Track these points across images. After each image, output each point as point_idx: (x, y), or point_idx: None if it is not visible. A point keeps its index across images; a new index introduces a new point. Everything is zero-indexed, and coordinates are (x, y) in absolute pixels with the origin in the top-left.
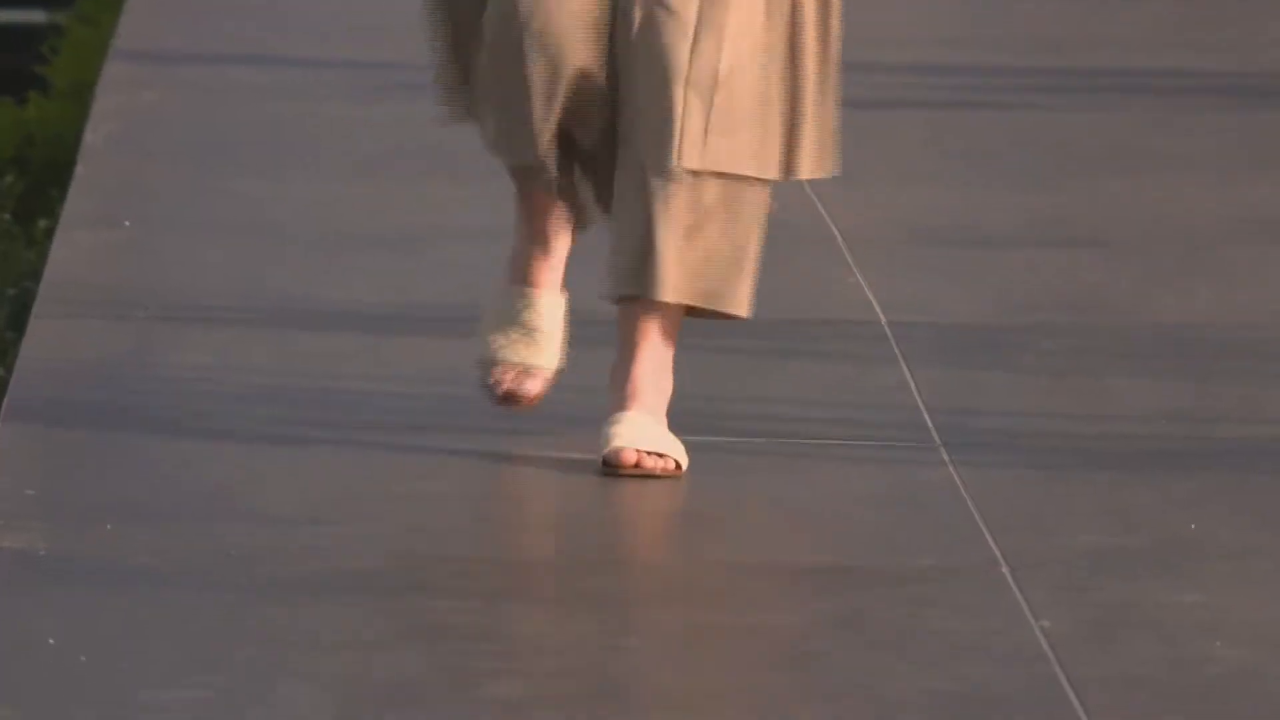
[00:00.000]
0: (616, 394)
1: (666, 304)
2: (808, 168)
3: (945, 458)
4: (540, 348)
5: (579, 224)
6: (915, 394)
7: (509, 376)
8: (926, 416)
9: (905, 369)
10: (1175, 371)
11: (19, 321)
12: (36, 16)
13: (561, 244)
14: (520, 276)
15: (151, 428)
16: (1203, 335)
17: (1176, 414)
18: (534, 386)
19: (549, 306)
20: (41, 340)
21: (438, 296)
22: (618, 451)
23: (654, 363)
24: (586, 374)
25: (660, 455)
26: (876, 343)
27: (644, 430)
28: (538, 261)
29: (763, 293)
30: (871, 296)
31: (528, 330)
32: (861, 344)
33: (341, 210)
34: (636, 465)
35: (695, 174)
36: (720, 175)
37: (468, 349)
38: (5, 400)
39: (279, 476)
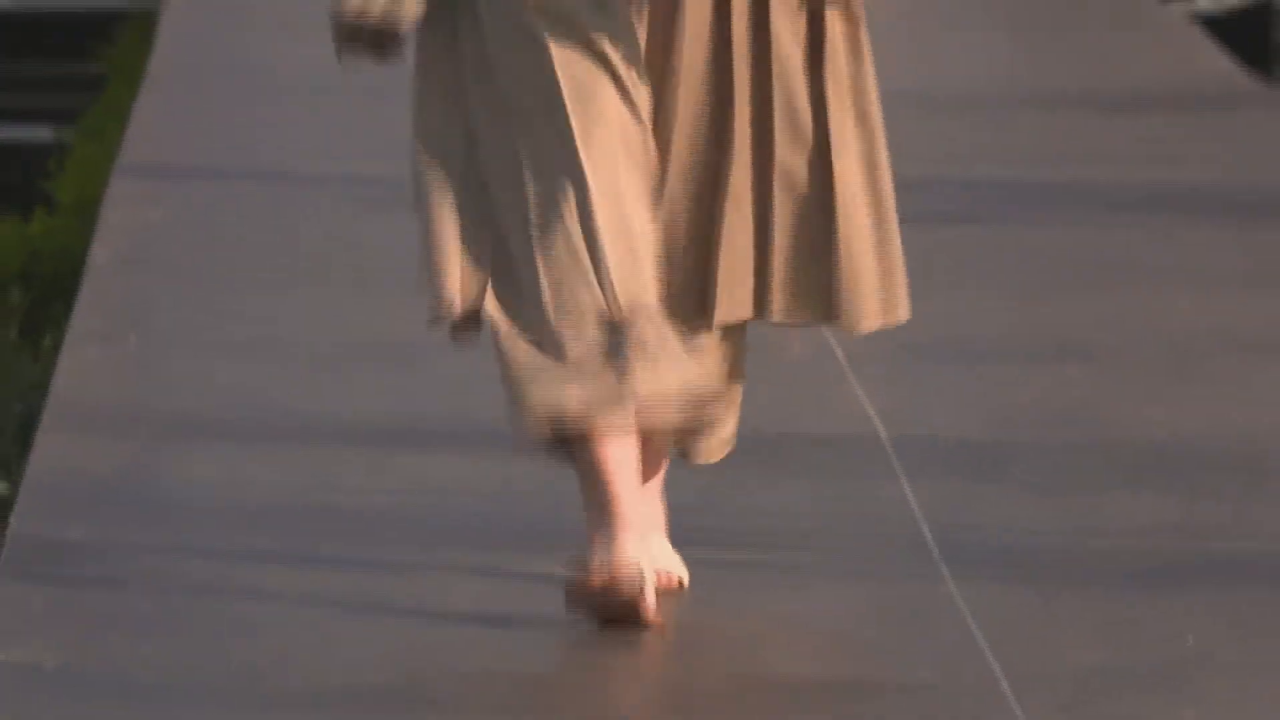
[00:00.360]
0: None
1: (663, 436)
2: (871, 315)
3: (944, 572)
4: (628, 559)
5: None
6: (914, 508)
7: (599, 578)
8: (925, 530)
9: (904, 483)
10: (1169, 486)
11: (25, 436)
12: (43, 134)
13: (631, 500)
14: (598, 535)
15: (156, 542)
16: (1195, 449)
17: (1172, 528)
18: (630, 577)
19: (634, 548)
20: (47, 455)
21: (437, 408)
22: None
23: (652, 484)
24: None
25: (663, 572)
26: (875, 456)
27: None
28: (612, 519)
29: (763, 406)
30: (870, 410)
31: (615, 553)
32: (860, 458)
33: (342, 324)
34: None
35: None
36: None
37: (467, 462)
38: (12, 515)
39: (283, 590)
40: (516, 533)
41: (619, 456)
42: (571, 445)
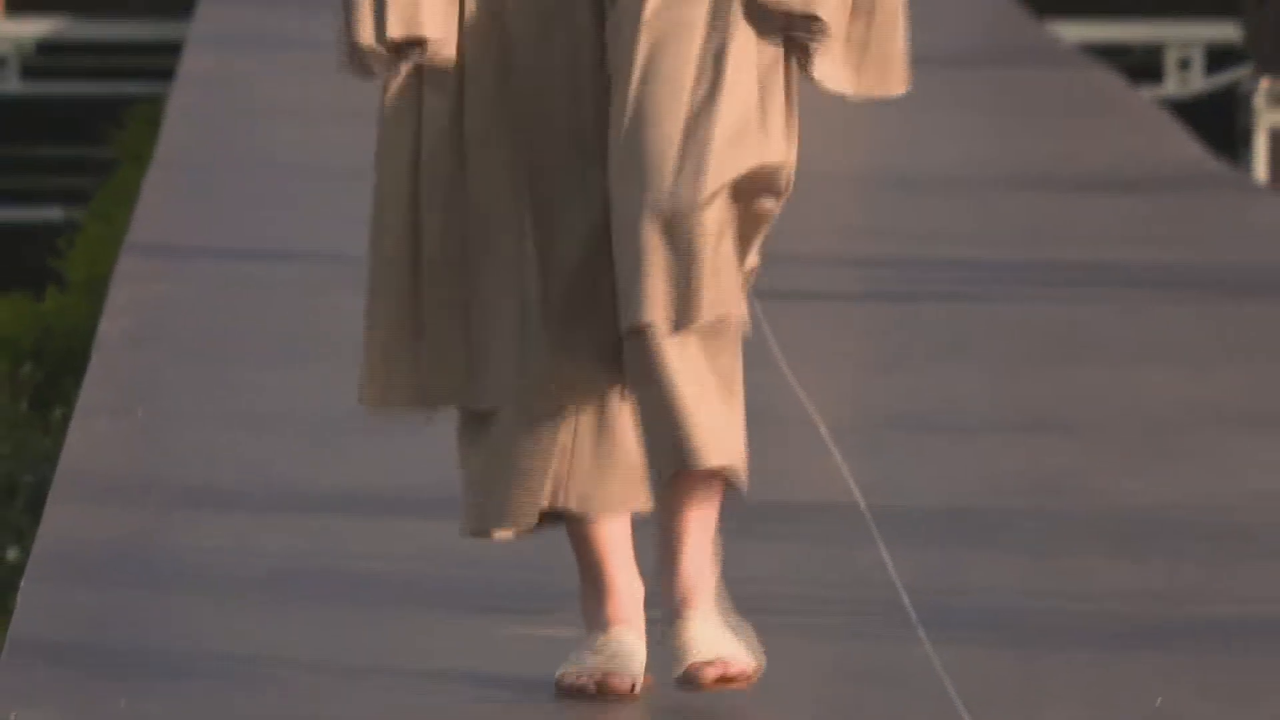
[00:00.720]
0: (669, 590)
1: (705, 482)
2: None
3: (922, 636)
4: (621, 662)
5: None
6: (893, 574)
7: (592, 680)
8: (904, 596)
9: (883, 550)
10: (1144, 552)
11: (36, 505)
12: (54, 214)
13: (626, 577)
14: (593, 622)
15: (164, 606)
16: (1170, 518)
17: (1147, 593)
18: (622, 683)
19: (628, 646)
20: (58, 524)
21: (436, 478)
22: (699, 668)
23: (701, 548)
24: None
25: (738, 664)
26: (855, 524)
27: (714, 635)
28: (607, 602)
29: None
30: (851, 480)
31: (608, 657)
32: (841, 525)
33: (343, 396)
34: (721, 678)
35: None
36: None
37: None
38: (23, 580)
39: (287, 652)
40: (514, 596)
41: (610, 535)
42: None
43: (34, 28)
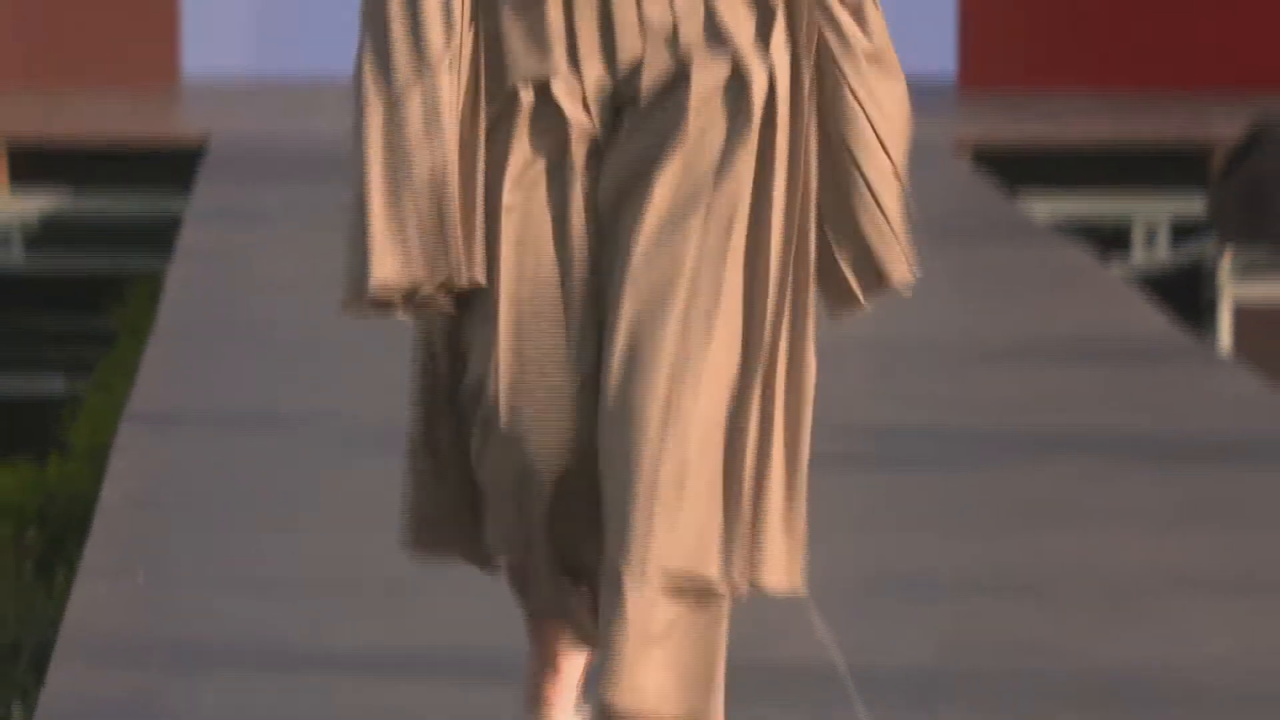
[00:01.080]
0: None
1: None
2: (776, 577)
3: None
4: None
5: (589, 640)
6: None
7: None
8: None
9: (862, 712)
10: (1109, 714)
11: (40, 666)
12: (57, 385)
13: (573, 664)
14: (533, 702)
15: None
16: (1132, 680)
17: None
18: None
19: None
20: (61, 684)
21: (429, 641)
22: None
23: None
24: None
25: None
26: (832, 686)
27: None
28: (549, 684)
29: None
30: (829, 641)
31: None
32: (820, 688)
33: (337, 559)
34: None
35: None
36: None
37: (458, 689)
38: None
39: None
40: None
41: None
42: None
43: (37, 203)
